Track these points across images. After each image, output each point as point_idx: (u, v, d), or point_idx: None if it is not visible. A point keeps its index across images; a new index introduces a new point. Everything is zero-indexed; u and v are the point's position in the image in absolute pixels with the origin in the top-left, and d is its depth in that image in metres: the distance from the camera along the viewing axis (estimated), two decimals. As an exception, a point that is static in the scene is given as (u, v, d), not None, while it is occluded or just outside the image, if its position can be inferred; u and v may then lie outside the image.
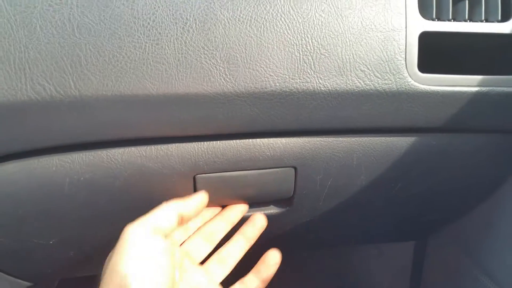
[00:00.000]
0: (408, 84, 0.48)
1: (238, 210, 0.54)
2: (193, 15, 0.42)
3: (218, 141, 0.49)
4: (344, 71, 0.46)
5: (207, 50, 0.43)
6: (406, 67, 0.48)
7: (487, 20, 0.50)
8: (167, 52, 0.42)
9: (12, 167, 0.45)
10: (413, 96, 0.49)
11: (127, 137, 0.46)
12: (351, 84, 0.47)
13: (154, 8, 0.42)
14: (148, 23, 0.41)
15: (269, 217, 0.55)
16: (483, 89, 0.51)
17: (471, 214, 0.71)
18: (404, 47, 0.47)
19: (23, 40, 0.39)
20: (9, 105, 0.40)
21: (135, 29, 0.41)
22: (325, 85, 0.46)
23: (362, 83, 0.47)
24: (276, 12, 0.44)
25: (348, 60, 0.46)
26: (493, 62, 0.55)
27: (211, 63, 0.43)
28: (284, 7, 0.44)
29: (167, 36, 0.42)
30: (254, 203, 0.57)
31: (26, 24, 0.39)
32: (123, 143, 0.47)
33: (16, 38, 0.39)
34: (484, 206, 0.67)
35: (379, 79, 0.47)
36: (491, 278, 0.65)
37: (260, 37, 0.44)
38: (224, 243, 0.53)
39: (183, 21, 0.42)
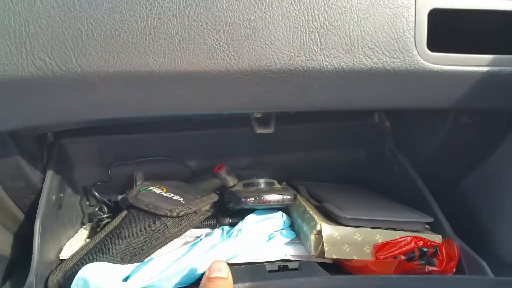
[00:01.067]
0: (417, 63, 0.47)
1: None
2: (197, -11, 0.41)
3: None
4: (351, 49, 0.45)
5: (210, 26, 0.42)
6: (415, 45, 0.47)
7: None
8: (170, 27, 0.41)
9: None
10: (422, 75, 0.48)
11: (128, 116, 0.45)
12: (358, 62, 0.46)
13: (157, -19, 0.40)
14: (150, -3, 0.40)
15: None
16: (494, 68, 0.50)
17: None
18: (413, 25, 0.46)
19: (23, 13, 0.39)
20: (11, 81, 0.40)
21: (137, 2, 0.40)
22: (332, 63, 0.45)
23: (370, 61, 0.46)
24: (282, -14, 0.43)
25: (355, 37, 0.45)
26: (506, 41, 0.54)
27: (215, 39, 0.42)
28: (290, -19, 0.43)
29: (169, 10, 0.41)
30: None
31: (26, -3, 0.38)
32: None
33: (16, 11, 0.39)
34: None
35: (387, 57, 0.46)
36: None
37: (265, 12, 0.42)
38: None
39: (186, -5, 0.41)
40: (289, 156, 0.79)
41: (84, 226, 0.74)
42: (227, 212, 0.71)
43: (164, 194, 0.69)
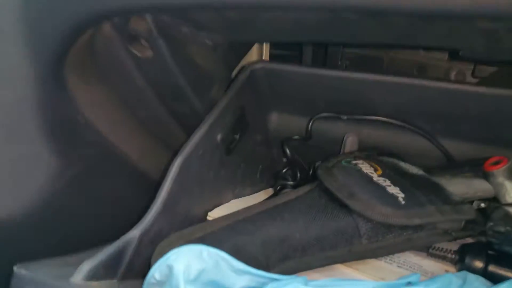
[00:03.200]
0: None
1: None
2: None
3: None
4: None
5: None
6: None
7: None
8: None
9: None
10: None
11: None
12: None
13: None
14: None
15: None
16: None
17: None
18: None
19: None
20: None
21: None
22: None
23: None
24: None
25: None
26: None
27: None
28: None
29: None
30: None
31: None
32: None
33: None
34: None
35: None
36: None
37: None
38: None
39: None
40: None
41: (264, 190, 0.55)
42: (482, 247, 0.37)
43: (375, 179, 0.41)
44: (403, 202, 0.38)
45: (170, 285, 0.28)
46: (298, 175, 0.54)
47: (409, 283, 0.32)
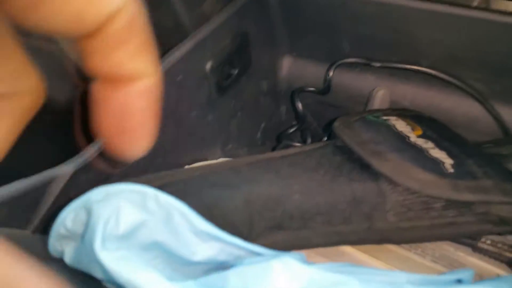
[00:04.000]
0: None
1: None
2: None
3: None
4: None
5: None
6: None
7: None
8: None
9: None
10: None
11: None
12: None
13: None
14: None
15: None
16: None
17: None
18: None
19: None
20: None
21: None
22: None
23: None
24: None
25: None
26: None
27: None
28: None
29: None
30: None
31: None
32: None
33: None
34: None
35: None
36: None
37: None
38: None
39: None
40: None
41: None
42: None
43: (412, 139, 0.30)
44: (451, 170, 0.27)
45: (83, 240, 0.17)
46: (309, 139, 0.43)
47: (459, 281, 0.22)
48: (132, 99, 0.13)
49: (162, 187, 0.25)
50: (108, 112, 0.13)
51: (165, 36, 0.34)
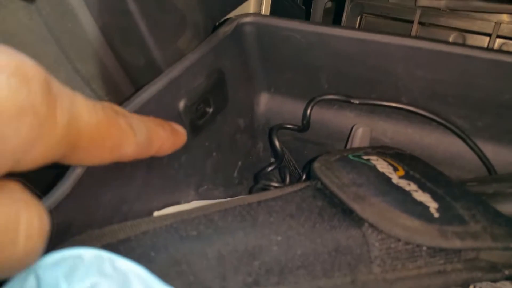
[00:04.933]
0: None
1: None
2: None
3: None
4: None
5: None
6: None
7: None
8: None
9: None
10: None
11: None
12: None
13: None
14: None
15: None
16: None
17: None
18: None
19: None
20: None
21: None
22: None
23: None
24: None
25: None
26: None
27: None
28: None
29: None
30: None
31: None
32: None
33: None
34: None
35: None
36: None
37: None
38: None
39: None
40: None
41: (242, 197, 0.42)
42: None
43: (395, 181, 0.28)
44: (436, 215, 0.25)
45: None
46: (288, 177, 0.41)
47: None
48: None
49: (127, 240, 0.23)
50: None
51: (137, 73, 0.33)
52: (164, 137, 0.24)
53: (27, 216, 0.14)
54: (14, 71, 0.13)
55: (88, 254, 0.17)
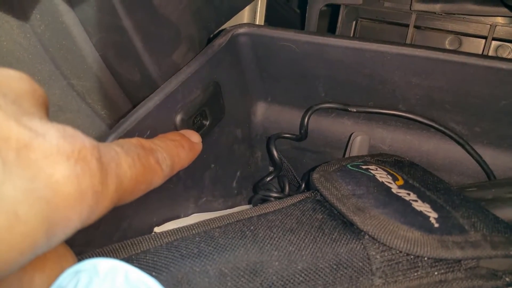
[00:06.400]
0: None
1: None
2: None
3: None
4: None
5: None
6: None
7: None
8: None
9: None
10: None
11: None
12: None
13: None
14: None
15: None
16: None
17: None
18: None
19: None
20: None
21: None
22: None
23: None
24: None
25: None
26: None
27: None
28: None
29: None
30: None
31: None
32: None
33: None
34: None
35: None
36: None
37: None
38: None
39: None
40: None
41: (241, 207, 0.42)
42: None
43: (394, 190, 0.28)
44: (436, 225, 0.25)
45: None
46: (287, 187, 0.41)
47: None
48: None
49: (128, 259, 0.23)
50: None
51: (133, 87, 0.33)
52: (184, 157, 0.24)
53: None
54: (77, 157, 0.14)
55: (103, 265, 0.17)
